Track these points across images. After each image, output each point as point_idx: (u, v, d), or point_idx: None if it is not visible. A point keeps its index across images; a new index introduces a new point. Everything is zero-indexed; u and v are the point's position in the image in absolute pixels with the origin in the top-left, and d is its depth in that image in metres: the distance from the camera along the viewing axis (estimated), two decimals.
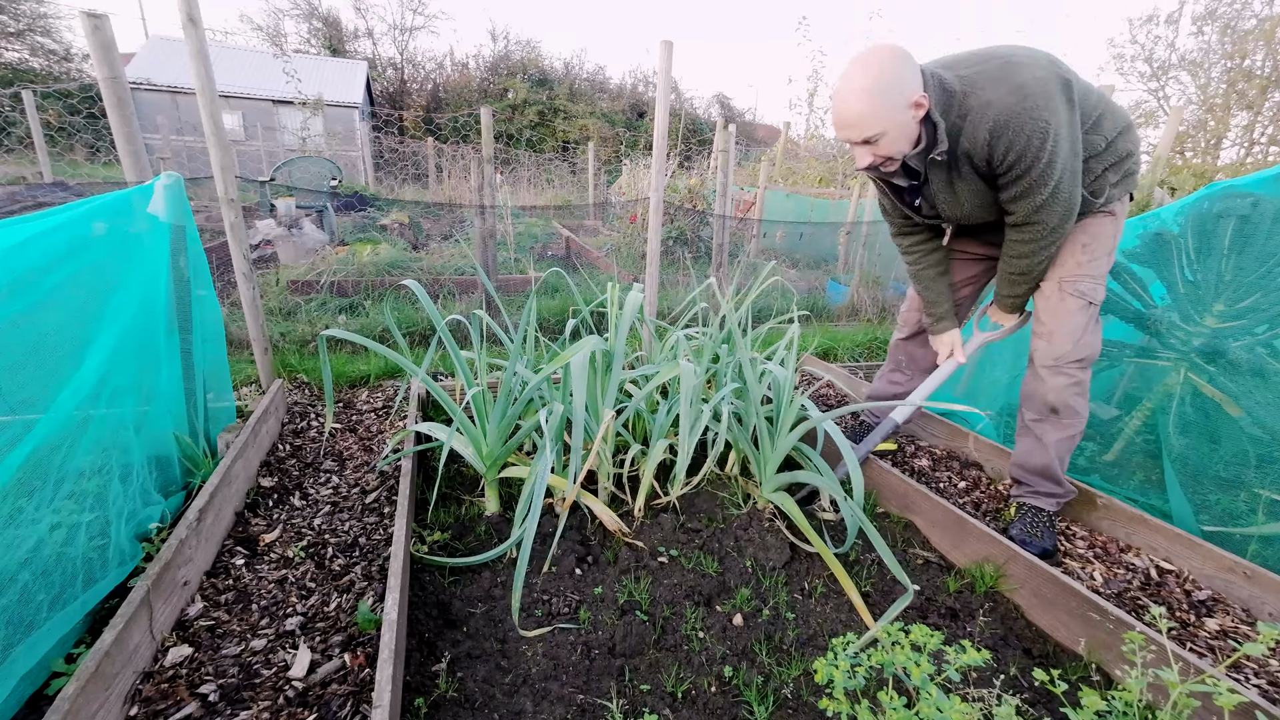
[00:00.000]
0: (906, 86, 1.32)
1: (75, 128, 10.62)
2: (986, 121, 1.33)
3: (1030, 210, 1.45)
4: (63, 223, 1.22)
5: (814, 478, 1.61)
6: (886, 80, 1.31)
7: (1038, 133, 1.31)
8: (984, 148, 1.37)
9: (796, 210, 8.05)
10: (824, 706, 0.91)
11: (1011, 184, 1.42)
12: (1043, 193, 1.40)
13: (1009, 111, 1.31)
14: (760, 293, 2.26)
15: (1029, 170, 1.36)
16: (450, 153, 11.07)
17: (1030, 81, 1.30)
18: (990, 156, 1.39)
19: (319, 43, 26.83)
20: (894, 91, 1.31)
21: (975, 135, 1.36)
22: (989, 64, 1.36)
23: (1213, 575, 1.55)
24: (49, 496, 1.13)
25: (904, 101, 1.33)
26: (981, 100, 1.33)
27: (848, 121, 1.37)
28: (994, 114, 1.32)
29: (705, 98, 35.05)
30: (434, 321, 1.65)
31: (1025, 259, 1.58)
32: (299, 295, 3.94)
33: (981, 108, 1.34)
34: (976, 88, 1.35)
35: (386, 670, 1.00)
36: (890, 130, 1.36)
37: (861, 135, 1.37)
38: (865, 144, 1.39)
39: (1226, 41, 12.82)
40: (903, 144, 1.40)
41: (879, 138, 1.37)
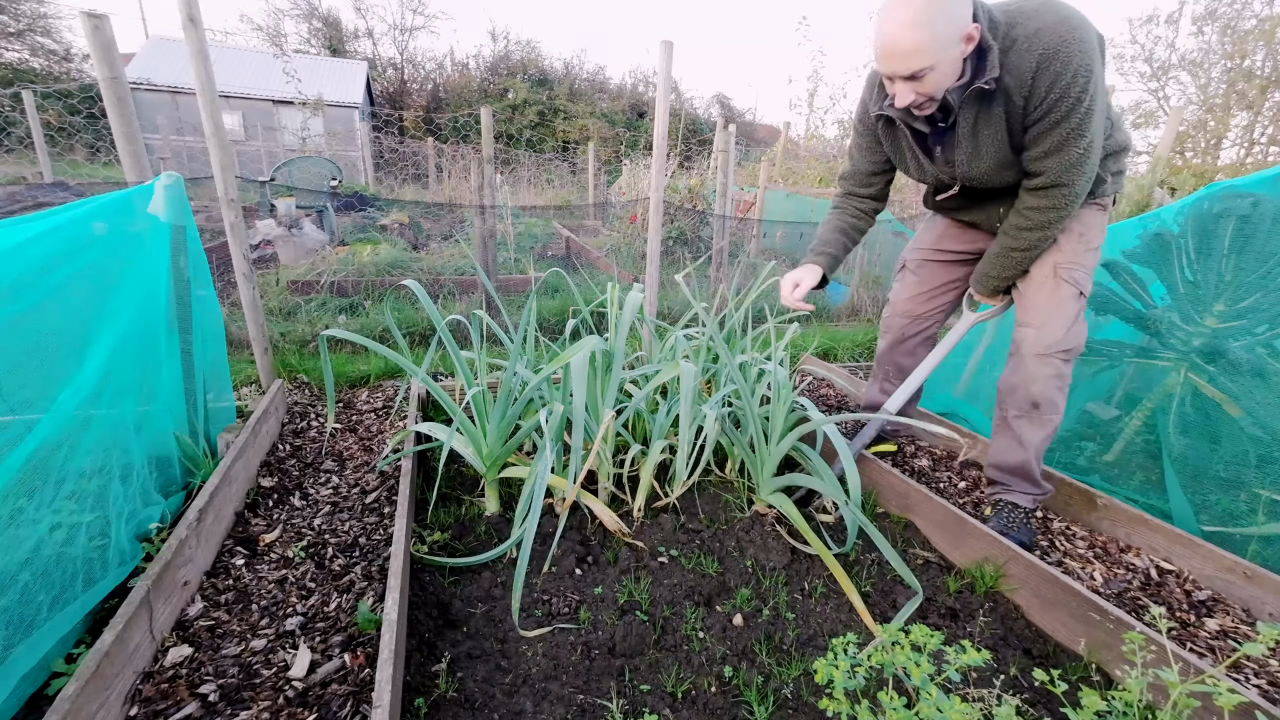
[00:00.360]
0: (962, 17, 1.25)
1: (75, 128, 10.62)
2: (1035, 50, 1.27)
3: (1060, 169, 1.38)
4: (63, 223, 1.22)
5: (810, 481, 1.61)
6: (941, 10, 1.22)
7: (1083, 70, 1.26)
8: (1028, 80, 1.30)
9: (796, 210, 8.05)
10: (824, 706, 0.91)
11: (1048, 131, 1.34)
12: (1078, 147, 1.34)
13: (1059, 40, 1.25)
14: (760, 293, 2.25)
15: (1070, 113, 1.30)
16: (450, 153, 11.07)
17: (1075, 17, 1.27)
18: (1032, 92, 1.31)
19: (319, 43, 26.84)
20: (950, 21, 1.23)
21: (1021, 66, 1.29)
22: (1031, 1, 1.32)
23: (1213, 575, 1.55)
24: (50, 497, 1.13)
25: (958, 33, 1.25)
26: (1029, 29, 1.28)
27: (897, 53, 1.26)
28: (1043, 42, 1.26)
29: (705, 98, 35.07)
30: (434, 321, 1.65)
31: (1037, 231, 1.51)
32: (299, 295, 3.94)
33: (1029, 36, 1.27)
34: (1023, 16, 1.29)
35: (386, 670, 1.00)
36: (940, 65, 1.27)
37: (910, 69, 1.28)
38: (910, 79, 1.30)
39: (1226, 41, 12.82)
40: (949, 79, 1.32)
41: (926, 72, 1.28)
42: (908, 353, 2.06)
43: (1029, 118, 1.36)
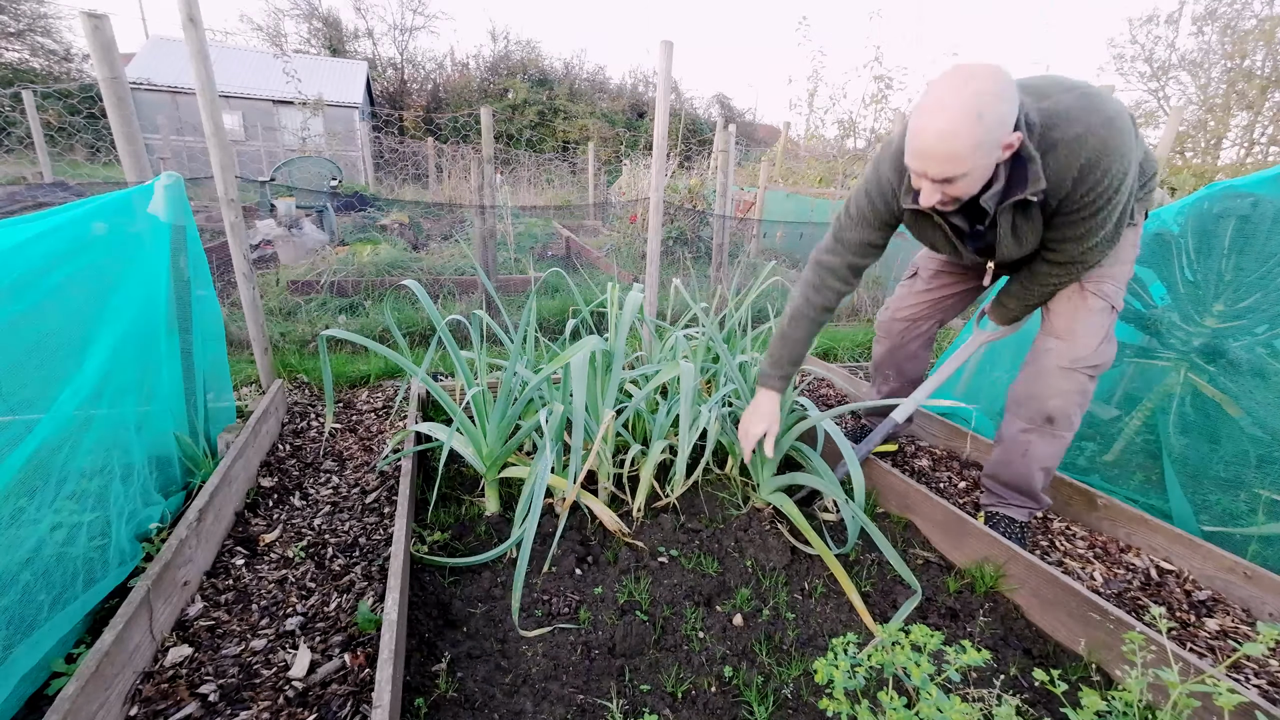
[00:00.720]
0: (1008, 123, 1.14)
1: (75, 128, 10.62)
2: (1079, 157, 1.20)
3: (1080, 251, 1.37)
4: (63, 223, 1.22)
5: (812, 479, 1.61)
6: (991, 119, 1.11)
7: (1121, 171, 1.21)
8: (1067, 185, 1.24)
9: (796, 210, 8.05)
10: (824, 706, 0.91)
11: (1074, 224, 1.31)
12: (1100, 233, 1.33)
13: (1103, 147, 1.18)
14: (760, 293, 2.25)
15: (1099, 210, 1.27)
16: (450, 153, 11.07)
17: (1118, 115, 1.20)
18: (1068, 194, 1.26)
19: (319, 43, 26.85)
20: (995, 129, 1.13)
21: (1061, 172, 1.22)
22: (1068, 95, 1.22)
23: (1213, 575, 1.55)
24: (51, 496, 1.13)
25: (1000, 141, 1.15)
26: (1071, 134, 1.19)
27: (934, 156, 1.16)
28: (1089, 150, 1.19)
29: (705, 98, 35.06)
30: (434, 321, 1.65)
31: (1052, 288, 1.52)
32: (299, 295, 3.94)
33: (1073, 141, 1.19)
34: (1061, 120, 1.20)
35: (386, 670, 1.00)
36: (975, 171, 1.18)
37: (944, 174, 1.19)
38: (942, 182, 1.22)
39: (1226, 41, 12.83)
40: (978, 185, 1.24)
41: (960, 178, 1.19)
42: (909, 356, 2.02)
43: (1058, 211, 1.31)
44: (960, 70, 1.14)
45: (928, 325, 1.97)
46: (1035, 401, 1.57)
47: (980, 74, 1.12)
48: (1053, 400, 1.53)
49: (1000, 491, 1.71)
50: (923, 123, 1.16)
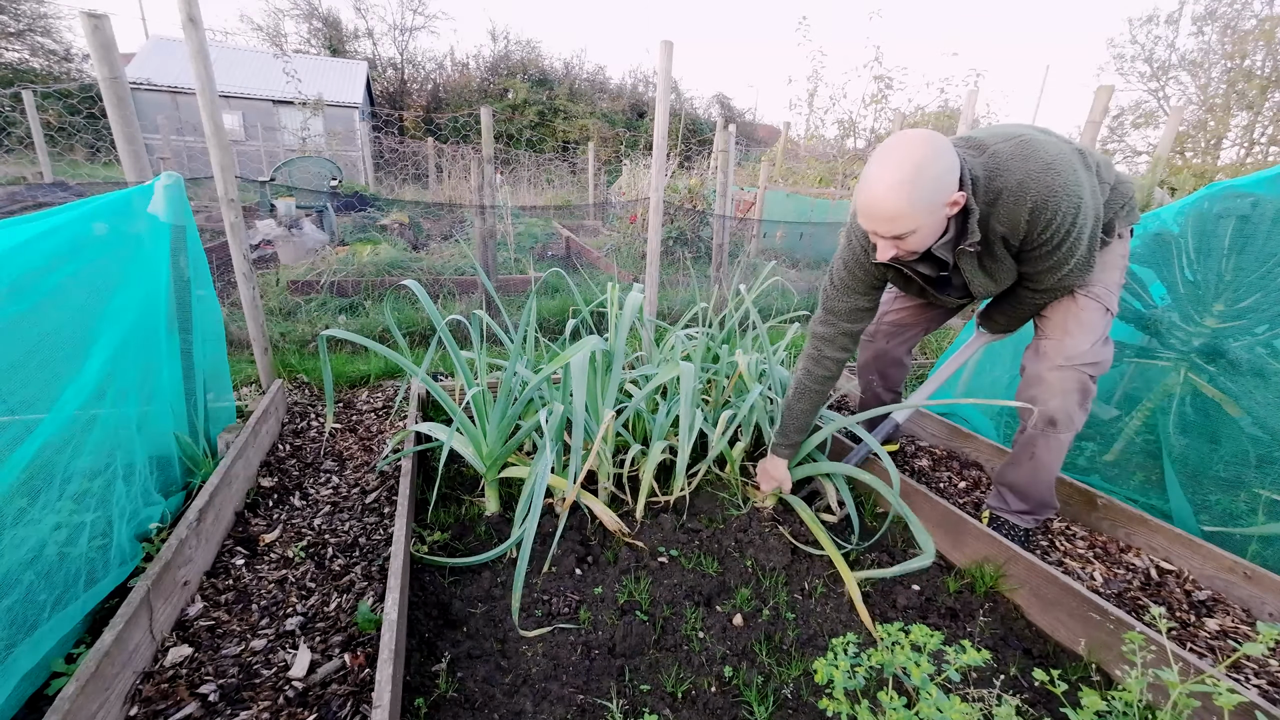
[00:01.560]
0: (946, 186, 1.24)
1: (75, 128, 10.62)
2: (1025, 204, 1.28)
3: (1056, 279, 1.45)
4: (63, 223, 1.22)
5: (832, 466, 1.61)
6: (927, 179, 1.21)
7: (1072, 207, 1.29)
8: (1021, 228, 1.32)
9: (797, 210, 8.05)
10: (824, 706, 0.91)
11: (1042, 258, 1.40)
12: (1070, 262, 1.40)
13: (1046, 190, 1.26)
14: (760, 292, 2.25)
15: (1061, 244, 1.35)
16: (450, 153, 11.07)
17: (1057, 158, 1.27)
18: (1027, 235, 1.35)
19: (319, 43, 26.84)
20: (934, 192, 1.23)
21: (1013, 217, 1.31)
22: (1005, 145, 1.30)
23: (1213, 575, 1.55)
24: (55, 496, 1.13)
25: (942, 201, 1.25)
26: (1013, 181, 1.28)
27: (879, 217, 1.27)
28: (1031, 195, 1.27)
29: (705, 98, 35.05)
30: (434, 321, 1.65)
31: (1037, 307, 1.60)
32: (299, 295, 3.94)
33: (1015, 189, 1.28)
34: (1002, 170, 1.29)
35: (386, 670, 1.00)
36: (922, 229, 1.28)
37: (892, 232, 1.28)
38: (893, 239, 1.31)
39: (1226, 41, 12.83)
40: (930, 239, 1.33)
41: (909, 235, 1.29)
42: (893, 363, 2.04)
43: (1024, 250, 1.40)
44: (899, 138, 1.25)
45: (913, 333, 1.98)
46: (1037, 404, 1.56)
47: (916, 141, 1.22)
48: (1053, 401, 1.53)
49: (1008, 496, 1.71)
50: (867, 188, 1.27)
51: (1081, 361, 1.50)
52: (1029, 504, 1.67)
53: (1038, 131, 1.34)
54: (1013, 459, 1.67)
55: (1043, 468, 1.60)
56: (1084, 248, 1.38)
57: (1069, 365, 1.51)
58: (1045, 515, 1.69)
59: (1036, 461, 1.59)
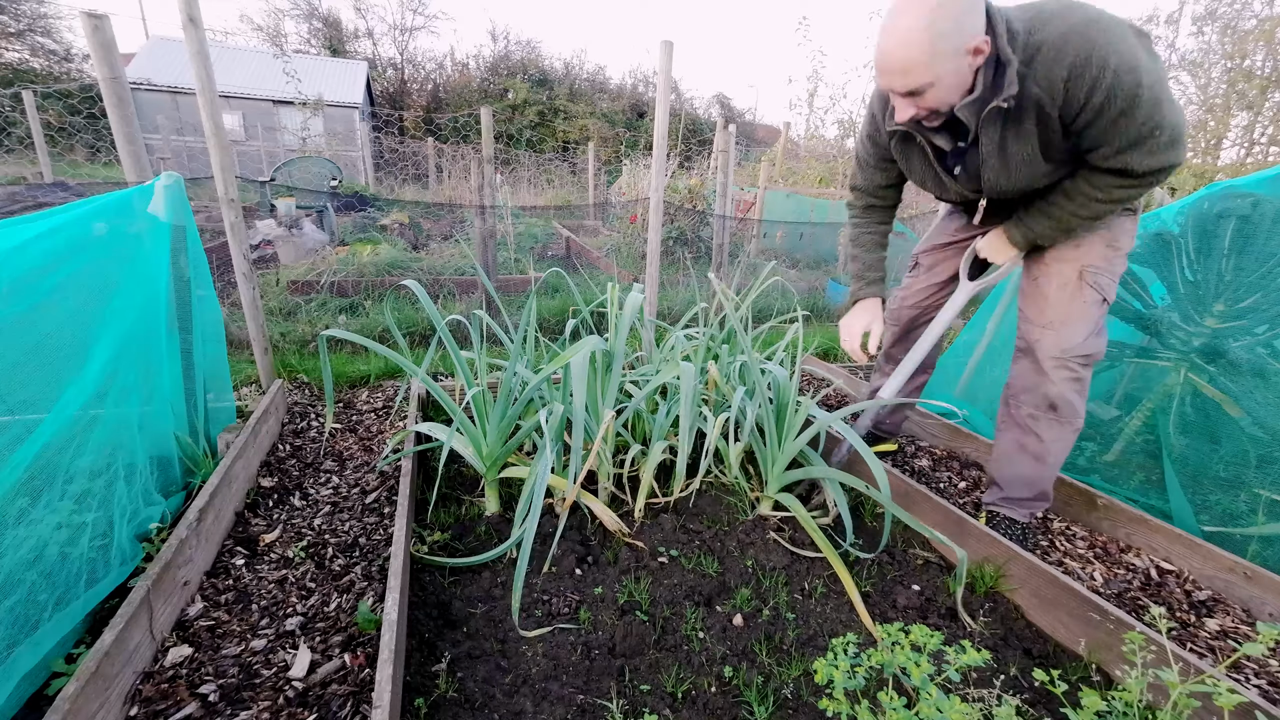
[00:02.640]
0: (967, 28, 1.12)
1: (75, 128, 10.62)
2: (1065, 58, 1.13)
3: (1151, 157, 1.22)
4: (63, 223, 1.22)
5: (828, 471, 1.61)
6: (944, 21, 1.10)
7: (1126, 68, 1.11)
8: (1060, 89, 1.17)
9: (797, 210, 8.05)
10: (824, 707, 0.91)
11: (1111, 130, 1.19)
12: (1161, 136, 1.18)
13: (1089, 44, 1.11)
14: (760, 293, 2.25)
15: (1127, 110, 1.15)
16: (450, 153, 11.07)
17: (1105, 16, 1.14)
18: (1068, 100, 1.18)
19: (319, 43, 26.84)
20: (953, 35, 1.11)
21: (1051, 75, 1.16)
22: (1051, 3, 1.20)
23: (1213, 575, 1.55)
24: (56, 496, 1.13)
25: (962, 46, 1.13)
26: (1053, 33, 1.14)
27: (894, 68, 1.17)
28: (1073, 48, 1.13)
29: (705, 98, 35.06)
30: (434, 321, 1.65)
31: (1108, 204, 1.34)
32: (299, 295, 3.94)
33: (1055, 42, 1.14)
34: (1043, 21, 1.16)
35: (386, 670, 1.00)
36: (942, 79, 1.16)
37: (907, 86, 1.18)
38: (910, 95, 1.20)
39: (1226, 42, 12.82)
40: (953, 95, 1.21)
41: (926, 88, 1.18)
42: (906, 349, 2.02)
43: (1077, 123, 1.22)
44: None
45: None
46: (1037, 390, 1.56)
47: None
48: (1051, 389, 1.54)
49: (1008, 487, 1.68)
50: (881, 40, 1.18)
51: (1075, 354, 1.51)
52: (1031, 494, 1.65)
53: None
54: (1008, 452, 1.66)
55: (1051, 455, 1.59)
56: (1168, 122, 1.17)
57: (1063, 358, 1.51)
58: (1041, 506, 1.68)
59: (1045, 446, 1.58)
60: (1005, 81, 1.19)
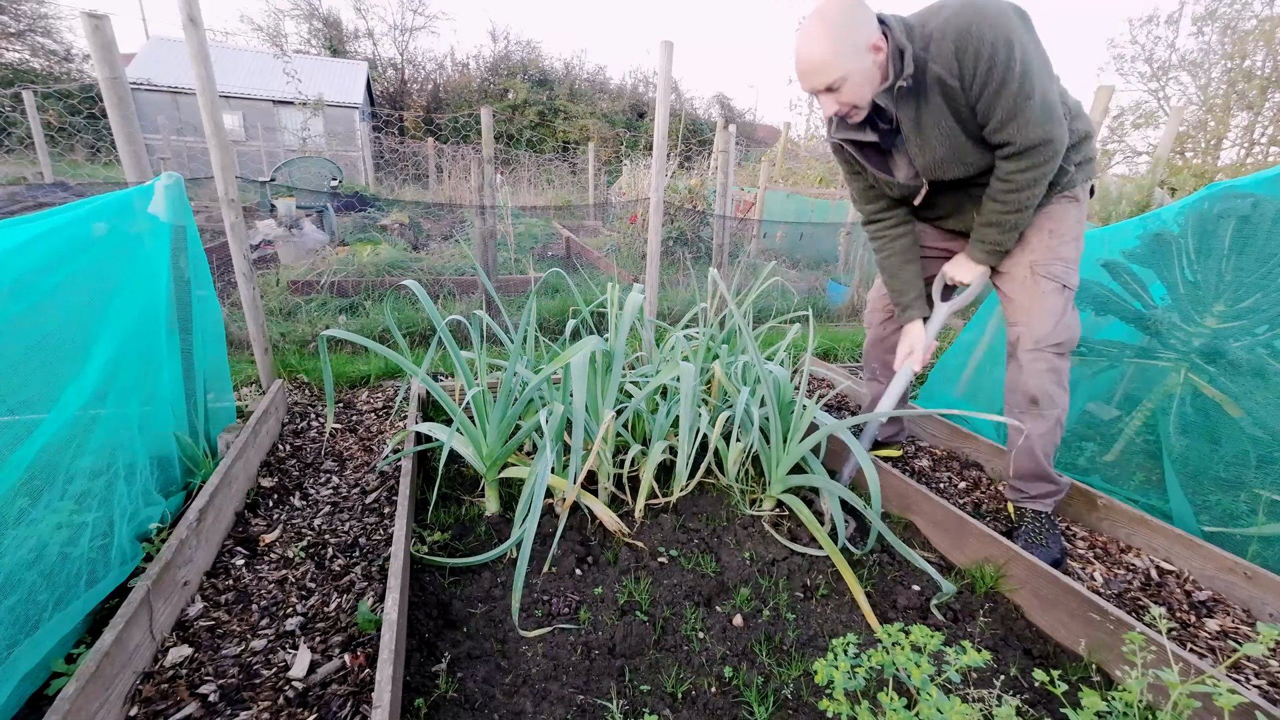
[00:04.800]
0: (861, 29, 1.35)
1: (76, 128, 10.63)
2: (949, 35, 1.34)
3: (1025, 130, 1.37)
4: (64, 223, 1.22)
5: (826, 482, 1.62)
6: (839, 25, 1.34)
7: (1003, 40, 1.30)
8: (953, 63, 1.36)
9: (797, 210, 8.05)
10: (824, 707, 0.91)
11: (992, 101, 1.36)
12: (1031, 105, 1.34)
13: (967, 20, 1.32)
14: (760, 293, 2.25)
15: (1005, 79, 1.32)
16: (450, 153, 11.07)
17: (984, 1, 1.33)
18: (961, 72, 1.36)
19: (319, 43, 26.85)
20: (849, 34, 1.34)
21: (943, 52, 1.36)
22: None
23: (1213, 576, 1.55)
24: (56, 496, 1.13)
25: (861, 43, 1.35)
26: (939, 19, 1.36)
27: (807, 69, 1.39)
28: (955, 26, 1.33)
29: (705, 98, 35.07)
30: (434, 322, 1.65)
31: (1024, 190, 1.46)
32: (299, 295, 3.94)
33: (941, 25, 1.35)
34: (934, 13, 1.38)
35: (386, 670, 1.00)
36: (851, 75, 1.37)
37: (823, 82, 1.39)
38: (829, 91, 1.41)
39: (1226, 42, 12.82)
40: (866, 88, 1.41)
41: (840, 84, 1.39)
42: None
43: (969, 97, 1.39)
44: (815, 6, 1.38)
45: None
46: (1019, 389, 1.66)
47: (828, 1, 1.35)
48: (1030, 382, 1.62)
49: (1020, 485, 1.74)
50: (795, 50, 1.40)
51: (1048, 343, 1.59)
52: (1033, 484, 1.70)
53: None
54: (1010, 444, 1.73)
55: (1038, 447, 1.65)
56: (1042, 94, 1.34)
57: (1037, 349, 1.60)
58: (1054, 493, 1.71)
59: (1031, 440, 1.65)
60: (905, 63, 1.39)
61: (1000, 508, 1.93)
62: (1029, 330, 1.61)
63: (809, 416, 1.72)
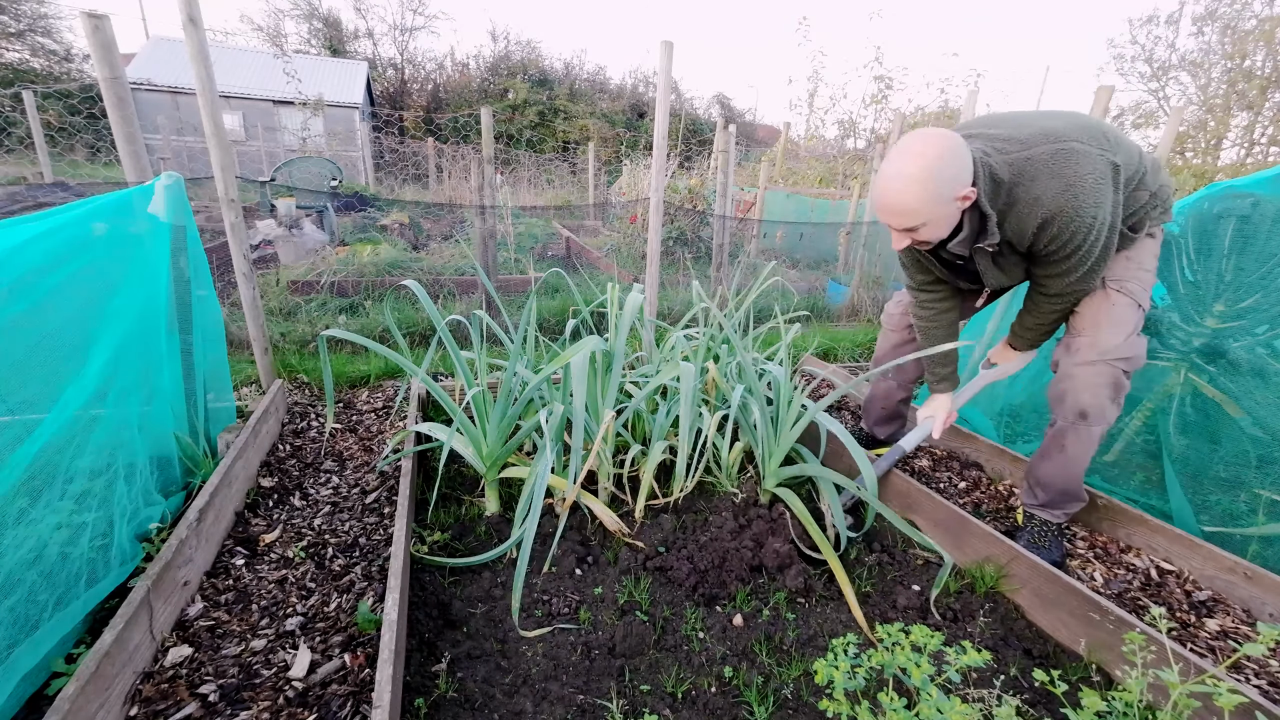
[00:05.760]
0: (958, 183, 1.29)
1: (76, 128, 10.62)
2: (1035, 217, 1.33)
3: (1065, 285, 1.48)
4: (64, 223, 1.22)
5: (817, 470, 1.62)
6: (940, 175, 1.27)
7: (1083, 227, 1.32)
8: (1028, 238, 1.38)
9: (797, 210, 8.05)
10: (824, 707, 0.91)
11: (1050, 264, 1.44)
12: (1081, 270, 1.43)
13: (1058, 210, 1.30)
14: (760, 293, 2.25)
15: (1069, 257, 1.39)
16: (450, 153, 11.06)
17: (1084, 177, 1.28)
18: (1032, 245, 1.40)
19: (319, 43, 26.84)
20: (944, 188, 1.28)
21: (1021, 226, 1.36)
22: (1042, 149, 1.32)
23: (1213, 576, 1.55)
24: (56, 496, 1.13)
25: (952, 195, 1.30)
26: (1030, 195, 1.32)
27: (892, 210, 1.34)
28: (1043, 211, 1.31)
29: (705, 98, 35.04)
30: (434, 322, 1.65)
31: (1055, 314, 1.60)
32: (299, 295, 3.94)
33: (1030, 202, 1.32)
34: (1025, 178, 1.32)
35: (386, 670, 1.00)
36: (933, 221, 1.34)
37: (902, 225, 1.36)
38: (905, 231, 1.38)
39: (1226, 42, 12.83)
40: (942, 231, 1.38)
41: (919, 228, 1.35)
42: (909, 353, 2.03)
43: (1032, 255, 1.46)
44: (916, 136, 1.30)
45: None
46: (1069, 398, 1.57)
47: (931, 140, 1.27)
48: (1084, 394, 1.54)
49: (1035, 489, 1.70)
50: (881, 183, 1.35)
51: (1114, 356, 1.51)
52: (1053, 495, 1.66)
53: (1082, 142, 1.31)
54: (1043, 452, 1.67)
55: (1072, 460, 1.60)
56: (1093, 259, 1.41)
57: (1101, 360, 1.52)
58: (1074, 508, 1.68)
59: (1066, 454, 1.60)
60: (988, 231, 1.39)
61: (1000, 507, 1.93)
62: (1095, 340, 1.53)
63: (797, 404, 1.72)
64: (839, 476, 1.60)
